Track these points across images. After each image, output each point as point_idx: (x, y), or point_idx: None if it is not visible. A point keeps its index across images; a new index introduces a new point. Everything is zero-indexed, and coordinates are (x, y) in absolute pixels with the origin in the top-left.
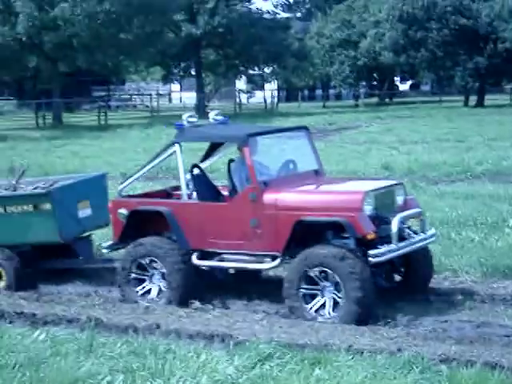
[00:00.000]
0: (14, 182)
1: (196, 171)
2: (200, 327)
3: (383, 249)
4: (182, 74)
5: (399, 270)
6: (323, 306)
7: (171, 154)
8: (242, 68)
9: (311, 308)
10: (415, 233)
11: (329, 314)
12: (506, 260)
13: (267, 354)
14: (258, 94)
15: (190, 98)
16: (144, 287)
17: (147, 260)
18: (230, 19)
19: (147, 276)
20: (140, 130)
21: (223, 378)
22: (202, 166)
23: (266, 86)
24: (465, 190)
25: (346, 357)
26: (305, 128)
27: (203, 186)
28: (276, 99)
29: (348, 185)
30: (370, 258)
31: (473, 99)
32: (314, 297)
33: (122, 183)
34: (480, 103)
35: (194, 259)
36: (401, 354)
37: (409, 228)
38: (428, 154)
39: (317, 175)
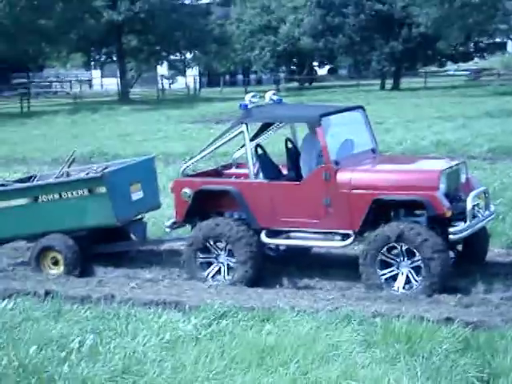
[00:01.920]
0: (66, 169)
1: (260, 151)
2: (152, 296)
3: (461, 226)
4: (103, 60)
5: (455, 246)
6: (393, 278)
7: (238, 135)
8: (163, 54)
9: (384, 275)
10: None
11: (403, 288)
12: None
13: (221, 313)
14: (180, 80)
15: (112, 84)
16: (213, 269)
17: (211, 241)
18: (151, 5)
19: (213, 257)
20: (65, 117)
21: (184, 334)
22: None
23: (188, 71)
24: None
25: (292, 314)
26: (361, 108)
27: (266, 165)
28: (198, 85)
29: (419, 164)
30: (451, 236)
31: (389, 83)
32: (388, 266)
33: (185, 162)
34: (396, 86)
35: (264, 237)
36: (339, 310)
37: (477, 205)
38: None
39: (374, 154)
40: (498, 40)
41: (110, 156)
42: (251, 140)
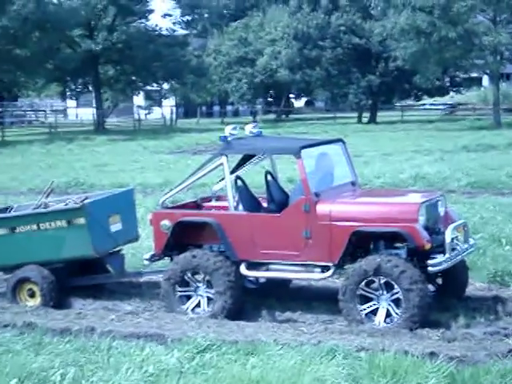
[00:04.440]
0: (44, 200)
1: (239, 183)
2: (133, 329)
3: (440, 258)
4: (79, 89)
5: (434, 279)
6: (373, 312)
7: (217, 166)
8: (140, 84)
9: (364, 310)
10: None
11: (384, 321)
12: None
13: (205, 347)
14: (157, 110)
15: (87, 113)
16: (192, 302)
17: (189, 274)
18: (128, 35)
19: (192, 290)
20: (40, 146)
21: (168, 367)
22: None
23: (165, 102)
24: None
25: (276, 347)
26: (341, 140)
27: (246, 197)
28: (174, 115)
29: (398, 196)
30: (430, 268)
31: (366, 116)
32: (368, 301)
33: (164, 194)
34: (373, 120)
35: (243, 269)
36: (323, 344)
37: (456, 238)
38: None
39: (354, 187)
40: (474, 75)
41: (86, 186)
42: (231, 172)
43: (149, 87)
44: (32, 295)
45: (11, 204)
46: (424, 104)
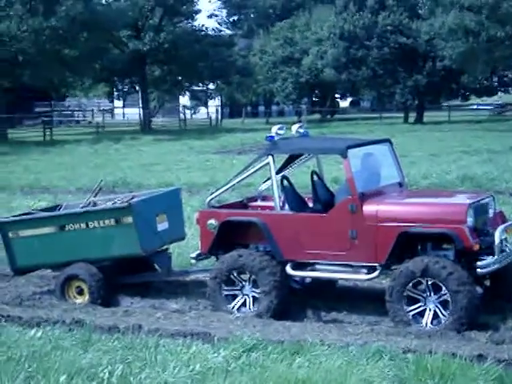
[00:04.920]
0: (92, 199)
1: (285, 183)
2: (179, 327)
3: (489, 260)
4: (126, 89)
5: (483, 281)
6: (421, 314)
7: (264, 166)
8: (186, 84)
9: (411, 311)
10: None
11: (431, 323)
12: None
13: (251, 346)
14: (202, 110)
15: (133, 113)
16: (238, 301)
17: (235, 273)
18: (175, 35)
19: (238, 289)
20: (88, 146)
21: (215, 366)
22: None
23: (210, 102)
24: None
25: (321, 348)
26: (388, 141)
27: (292, 197)
28: (220, 115)
29: (446, 197)
30: (479, 270)
31: (412, 116)
32: (415, 302)
33: (211, 194)
34: (419, 120)
35: (289, 269)
36: (369, 345)
37: (505, 240)
38: None
39: (401, 187)
40: None
41: (133, 186)
42: (277, 172)
43: (195, 87)
44: (80, 293)
45: (60, 202)
46: (472, 104)
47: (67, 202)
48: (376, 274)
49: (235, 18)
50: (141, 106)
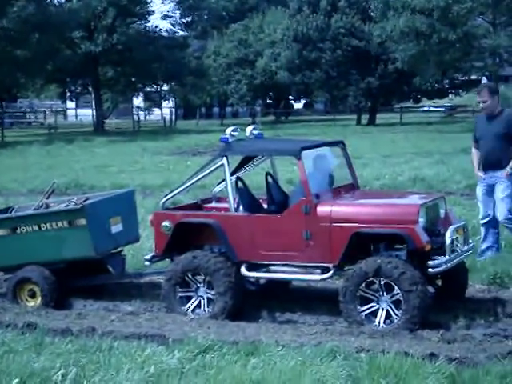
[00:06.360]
0: (45, 201)
1: (240, 184)
2: (134, 329)
3: (441, 260)
4: (78, 91)
5: (434, 281)
6: (373, 313)
7: (218, 167)
8: (139, 85)
9: (364, 311)
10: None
11: (384, 323)
12: None
13: (206, 347)
14: (156, 112)
15: (86, 115)
16: (193, 302)
17: (190, 274)
18: (128, 37)
19: (192, 291)
20: (40, 147)
21: (169, 368)
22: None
23: (164, 103)
24: None
25: (276, 348)
26: (342, 142)
27: (247, 198)
28: (174, 117)
29: (398, 198)
30: (430, 269)
31: (365, 118)
32: (368, 302)
33: (165, 195)
34: (372, 122)
35: (244, 271)
36: (323, 345)
37: (456, 240)
38: None
39: (354, 189)
40: (473, 77)
41: (86, 187)
42: (231, 174)
43: (148, 88)
44: (33, 295)
45: (12, 205)
46: (423, 106)
47: (19, 204)
48: (330, 274)
49: (189, 19)
50: (94, 107)
